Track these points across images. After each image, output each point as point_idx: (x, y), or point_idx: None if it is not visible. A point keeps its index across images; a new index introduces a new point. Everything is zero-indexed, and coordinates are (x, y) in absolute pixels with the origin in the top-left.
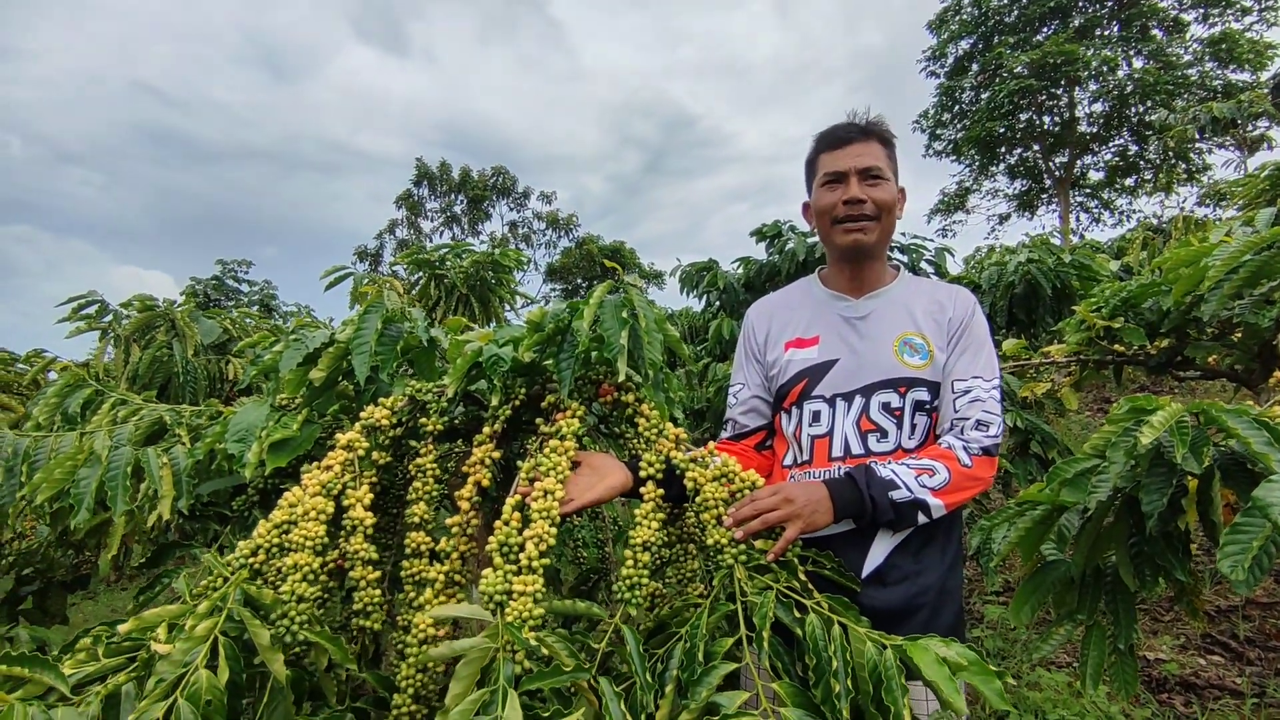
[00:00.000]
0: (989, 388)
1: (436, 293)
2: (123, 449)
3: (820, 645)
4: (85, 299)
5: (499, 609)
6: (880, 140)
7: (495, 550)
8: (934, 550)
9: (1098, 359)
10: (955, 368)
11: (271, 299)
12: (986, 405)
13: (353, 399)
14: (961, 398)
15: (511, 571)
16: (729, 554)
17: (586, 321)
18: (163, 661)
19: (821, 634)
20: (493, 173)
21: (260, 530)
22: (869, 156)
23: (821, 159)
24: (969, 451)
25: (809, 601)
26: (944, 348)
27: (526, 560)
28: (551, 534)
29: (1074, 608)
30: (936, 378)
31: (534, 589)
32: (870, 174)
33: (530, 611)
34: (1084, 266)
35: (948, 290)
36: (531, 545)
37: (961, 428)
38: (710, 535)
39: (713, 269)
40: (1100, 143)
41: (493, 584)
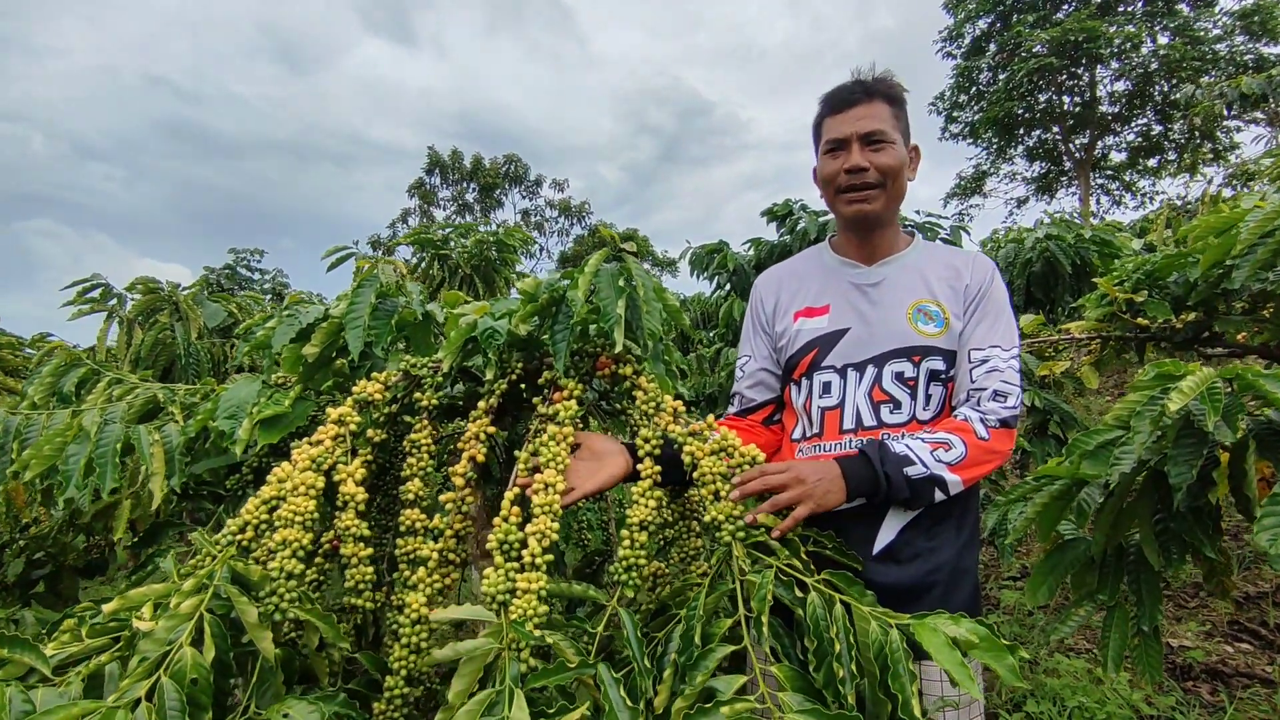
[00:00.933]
0: (1008, 357)
1: (440, 273)
2: (113, 426)
3: (822, 626)
4: (90, 282)
5: (502, 608)
6: (886, 99)
7: (496, 548)
8: (948, 527)
9: (1119, 335)
10: (972, 336)
11: (284, 287)
12: (1005, 375)
13: (348, 376)
14: (978, 367)
15: (514, 569)
16: (727, 530)
17: (582, 291)
18: (146, 640)
19: (823, 614)
20: (505, 161)
21: (249, 507)
22: (871, 119)
23: (825, 123)
24: (986, 424)
25: (810, 579)
26: (960, 315)
27: (530, 557)
28: (554, 529)
29: (1094, 588)
30: (952, 346)
31: (538, 586)
32: (873, 139)
33: (535, 609)
34: (1105, 243)
35: (965, 256)
36: (534, 541)
37: (978, 399)
38: (709, 511)
39: (723, 250)
40: (1122, 123)
41: (495, 583)
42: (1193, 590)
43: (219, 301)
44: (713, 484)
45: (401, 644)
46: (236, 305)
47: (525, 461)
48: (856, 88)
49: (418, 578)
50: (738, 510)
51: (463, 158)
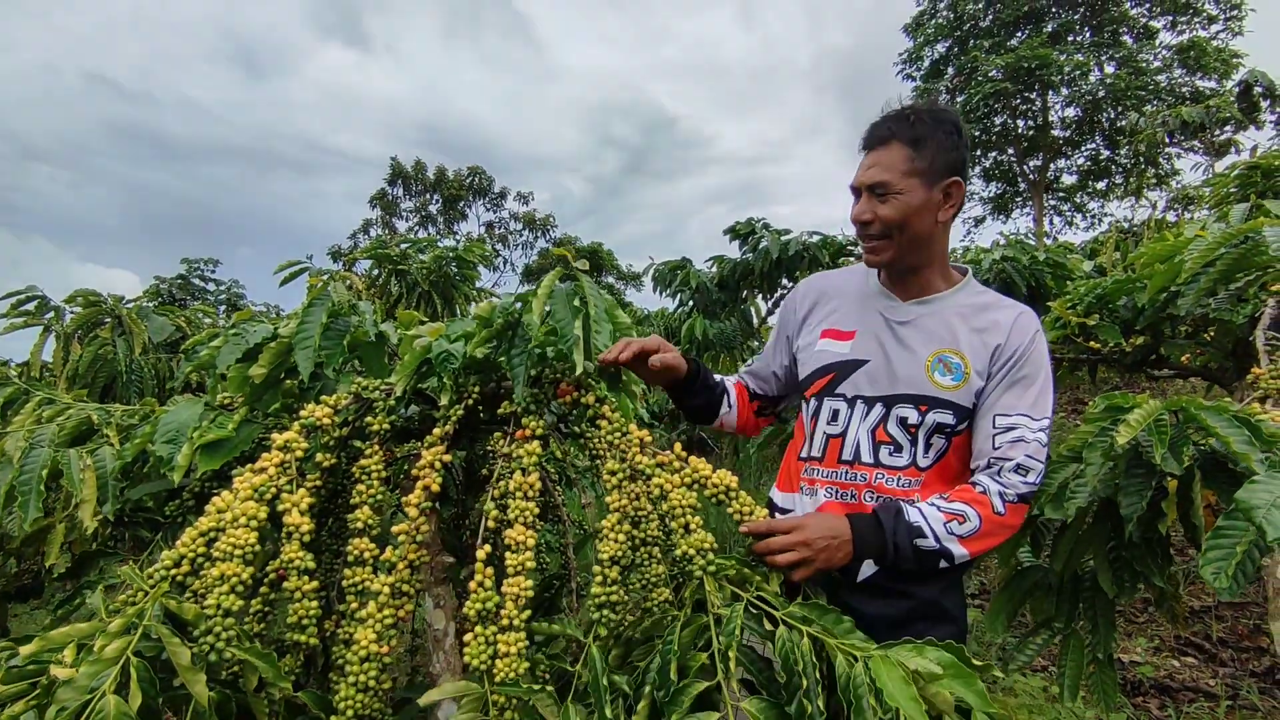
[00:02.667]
0: (1036, 429)
1: (398, 289)
2: (40, 450)
3: (791, 660)
4: (25, 294)
5: (486, 675)
6: (905, 141)
7: (474, 616)
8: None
9: (1073, 357)
10: (1001, 401)
11: (239, 299)
12: (1030, 449)
13: (297, 397)
14: (1004, 434)
15: (494, 634)
16: (698, 564)
17: (537, 313)
18: (65, 687)
19: (792, 648)
20: (469, 173)
21: (185, 539)
22: (879, 169)
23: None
24: (1005, 498)
25: (779, 613)
26: (983, 373)
27: (507, 619)
28: (528, 587)
29: (1052, 614)
30: (967, 402)
31: (518, 647)
32: (877, 190)
33: (518, 669)
34: (1058, 265)
35: (1011, 311)
36: (511, 603)
37: (1000, 468)
38: (679, 545)
39: (685, 268)
40: (1073, 146)
41: (477, 652)
42: (1142, 605)
43: (166, 314)
44: (683, 517)
45: (349, 682)
46: (185, 319)
47: (493, 516)
48: (877, 130)
49: (368, 613)
50: (708, 543)
51: (426, 168)
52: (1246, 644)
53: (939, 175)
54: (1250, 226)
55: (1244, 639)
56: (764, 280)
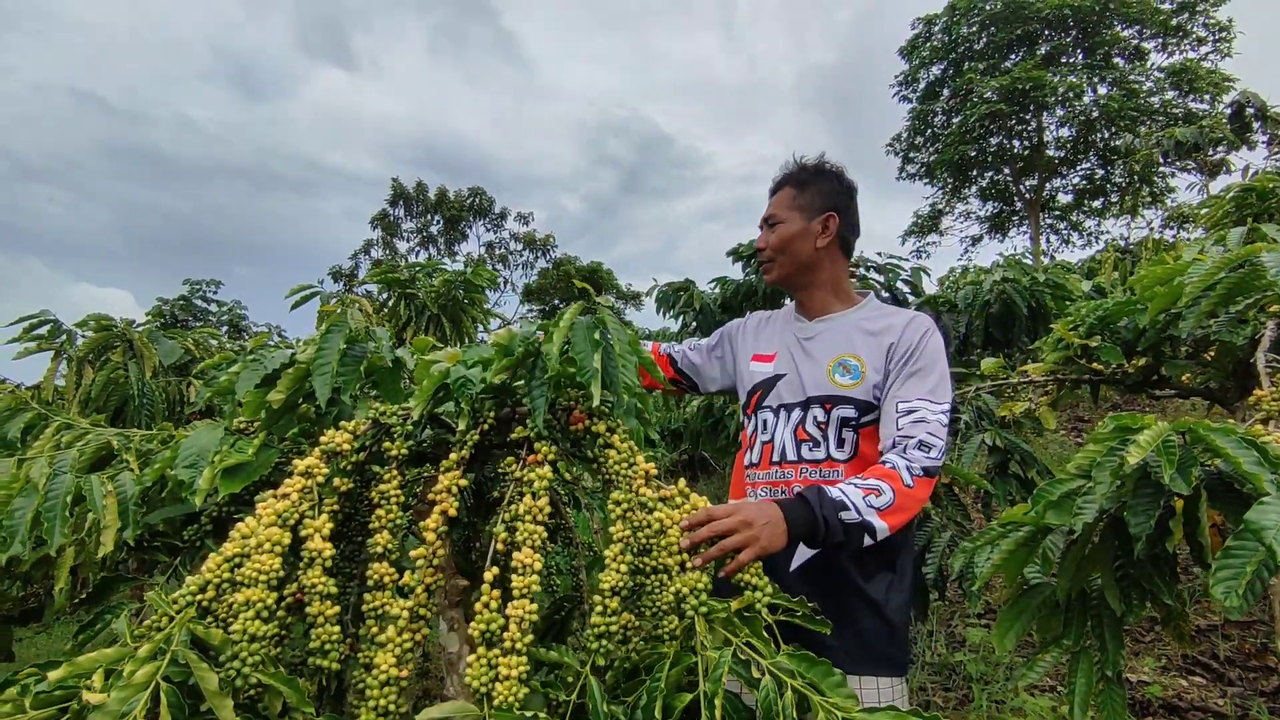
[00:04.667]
0: (937, 411)
1: (407, 312)
2: (63, 476)
3: (772, 713)
4: (37, 319)
5: (485, 699)
6: (793, 184)
7: (479, 638)
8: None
9: (1075, 378)
10: (901, 390)
11: (241, 319)
12: (931, 427)
13: (314, 422)
14: (905, 417)
15: (497, 656)
16: (691, 604)
17: (557, 345)
18: (96, 713)
19: (774, 699)
20: (469, 193)
21: (210, 564)
22: (773, 205)
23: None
24: (911, 471)
25: (765, 662)
26: (880, 369)
27: (510, 641)
28: (533, 611)
29: (1060, 633)
30: (866, 396)
31: (519, 672)
32: (770, 221)
33: (517, 694)
34: (1058, 286)
35: (903, 316)
36: (514, 625)
37: (905, 446)
38: (674, 582)
39: (689, 289)
40: (1068, 166)
41: (478, 674)
42: (1148, 624)
43: (174, 338)
44: (679, 555)
45: (369, 706)
46: (193, 341)
47: (502, 539)
48: (776, 180)
49: (388, 636)
50: (701, 583)
51: (427, 189)
52: (1254, 663)
53: (817, 211)
54: (1249, 251)
55: (1251, 658)
56: (767, 301)
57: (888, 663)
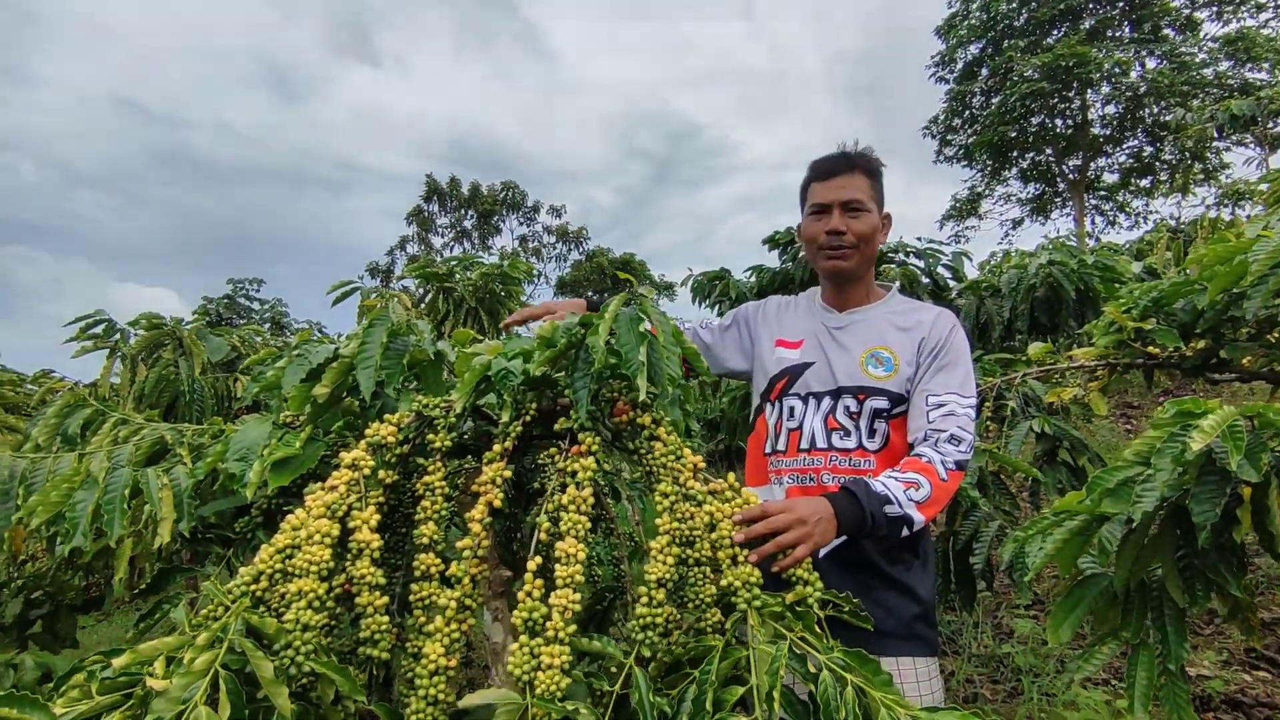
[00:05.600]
0: (965, 405)
1: (445, 306)
2: (121, 470)
3: (832, 708)
4: (92, 318)
5: (528, 687)
6: (865, 172)
7: (521, 626)
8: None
9: (1128, 362)
10: (931, 383)
11: (283, 316)
12: (961, 421)
13: (358, 415)
14: (935, 410)
15: (539, 645)
16: (743, 597)
17: (602, 337)
18: (159, 699)
19: (834, 694)
20: (502, 187)
21: (262, 555)
22: (851, 189)
23: (812, 188)
24: (945, 466)
25: (823, 657)
26: (911, 362)
27: (553, 631)
28: (576, 601)
29: (1118, 624)
30: (899, 389)
31: (562, 661)
32: (851, 206)
33: (559, 684)
34: (1107, 268)
35: (931, 311)
36: (557, 615)
37: (936, 440)
38: (725, 576)
39: (725, 278)
40: (1114, 144)
41: (520, 662)
42: (1208, 617)
43: (221, 335)
44: (731, 548)
45: (419, 695)
46: (239, 338)
47: (545, 529)
48: (841, 160)
49: (436, 626)
50: (754, 577)
51: (460, 185)
52: None
53: (881, 206)
54: None
55: None
56: (804, 289)
57: (921, 643)
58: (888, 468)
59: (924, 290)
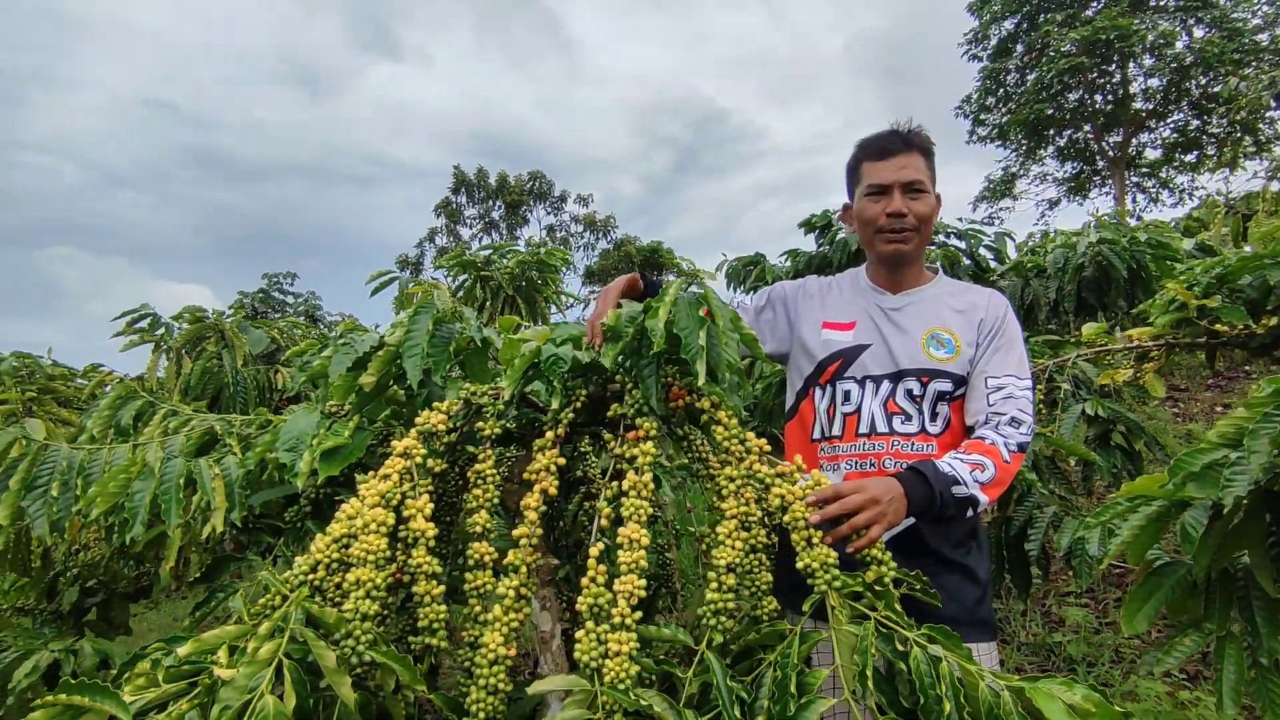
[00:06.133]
0: (1023, 387)
1: (482, 294)
2: (175, 460)
3: (927, 683)
4: (138, 313)
5: (596, 674)
6: (922, 151)
7: (586, 612)
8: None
9: (1189, 341)
10: (989, 365)
11: (316, 309)
12: (1020, 404)
13: (403, 404)
14: (995, 393)
15: (605, 631)
16: (821, 580)
17: (662, 320)
18: (226, 688)
19: (928, 670)
20: (529, 177)
21: (319, 545)
22: (911, 169)
23: (865, 168)
24: (1008, 448)
25: (911, 634)
26: (972, 343)
27: (619, 617)
28: (641, 586)
29: (1199, 616)
30: (961, 370)
31: (629, 647)
32: (912, 187)
33: (628, 671)
34: (1161, 245)
35: (983, 293)
36: (623, 601)
37: (997, 423)
38: (801, 558)
39: (760, 263)
40: (1157, 119)
41: (588, 649)
42: None
43: (261, 328)
44: (805, 530)
45: (479, 685)
46: (278, 331)
47: (606, 514)
48: (898, 138)
49: (495, 615)
50: (832, 558)
51: (488, 175)
52: None
53: (934, 186)
54: None
55: None
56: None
57: (984, 628)
58: (949, 452)
59: (965, 272)
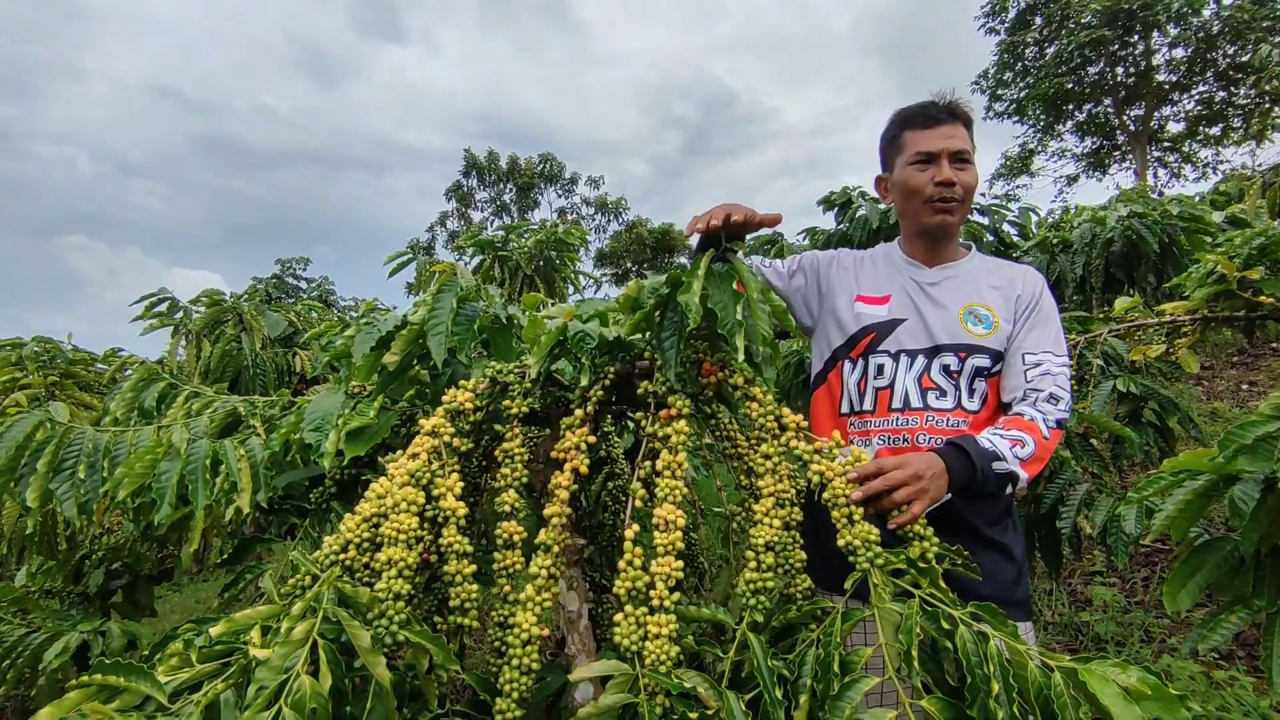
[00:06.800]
0: (1060, 364)
1: (500, 275)
2: (200, 441)
3: (974, 662)
4: (156, 296)
5: (636, 657)
6: (964, 122)
7: (624, 595)
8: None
9: (1227, 315)
10: (1026, 341)
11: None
12: (1058, 380)
13: (427, 384)
14: (1033, 369)
15: (644, 614)
16: (864, 557)
17: (695, 294)
18: (262, 667)
19: (974, 649)
20: (540, 160)
21: (349, 524)
22: (958, 139)
23: (909, 136)
24: (1047, 424)
25: (957, 612)
26: (1009, 319)
27: (658, 600)
28: (679, 568)
29: (1246, 592)
30: (999, 346)
31: (669, 630)
32: (960, 157)
33: (668, 653)
34: (1194, 218)
35: (1018, 269)
36: (661, 583)
37: (1035, 400)
38: (842, 536)
39: (778, 242)
40: (1181, 91)
41: (628, 632)
42: None
43: (278, 311)
44: (846, 507)
45: (511, 665)
46: (295, 314)
47: (640, 495)
48: (942, 108)
49: (527, 595)
50: (874, 535)
51: (498, 158)
52: None
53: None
54: None
55: None
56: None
57: (1021, 607)
58: (984, 428)
59: (989, 248)
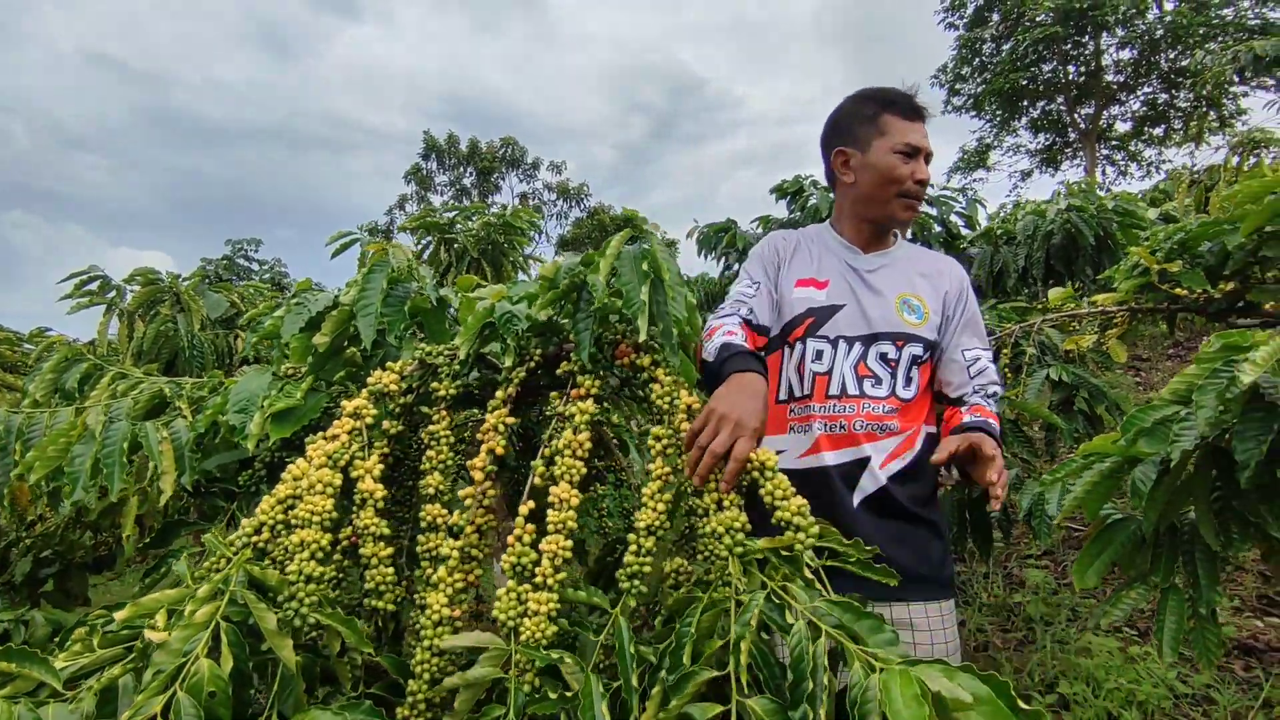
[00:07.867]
0: (989, 356)
1: (447, 257)
2: (119, 424)
3: (801, 661)
4: (87, 275)
5: (513, 633)
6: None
7: (509, 570)
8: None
9: (1151, 306)
10: (963, 339)
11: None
12: (993, 373)
13: (360, 365)
14: (973, 365)
15: (526, 591)
16: (725, 543)
17: (603, 274)
18: (160, 651)
19: (804, 646)
20: (502, 144)
21: (263, 506)
22: (928, 140)
23: (894, 123)
24: (996, 415)
25: (800, 606)
26: (938, 310)
27: (542, 577)
28: (567, 547)
29: (1146, 569)
30: (932, 336)
31: (549, 608)
32: (929, 158)
33: (545, 631)
34: (1128, 213)
35: (943, 260)
36: (547, 561)
37: (982, 393)
38: (710, 521)
39: (731, 229)
40: (1127, 91)
41: (506, 608)
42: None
43: (220, 291)
44: (715, 492)
45: (424, 646)
46: (239, 295)
47: (540, 473)
48: (920, 106)
49: (439, 577)
50: (738, 522)
51: (459, 142)
52: None
53: None
54: None
55: None
56: None
57: (947, 585)
58: (912, 419)
59: (936, 239)
